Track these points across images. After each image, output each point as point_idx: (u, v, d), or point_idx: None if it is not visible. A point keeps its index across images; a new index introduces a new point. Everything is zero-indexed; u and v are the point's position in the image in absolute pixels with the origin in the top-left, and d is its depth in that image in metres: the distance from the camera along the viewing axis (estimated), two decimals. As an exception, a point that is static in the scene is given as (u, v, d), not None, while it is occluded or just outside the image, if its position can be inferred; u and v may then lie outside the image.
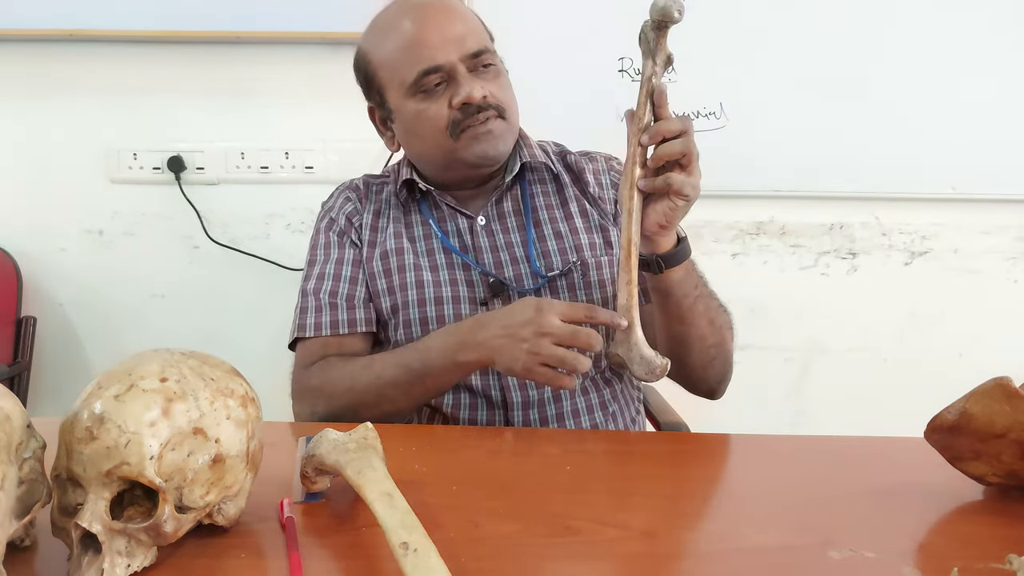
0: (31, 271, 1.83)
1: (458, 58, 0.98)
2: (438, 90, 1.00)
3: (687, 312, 0.93)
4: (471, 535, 0.61)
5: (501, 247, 1.06)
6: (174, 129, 1.80)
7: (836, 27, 1.74)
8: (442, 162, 1.04)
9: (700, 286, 0.95)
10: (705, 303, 0.95)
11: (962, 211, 1.84)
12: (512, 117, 1.04)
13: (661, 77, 0.83)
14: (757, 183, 1.81)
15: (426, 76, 0.99)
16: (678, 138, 0.82)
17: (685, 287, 0.92)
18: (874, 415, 1.87)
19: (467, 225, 1.07)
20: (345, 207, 1.12)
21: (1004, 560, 0.53)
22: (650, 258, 0.89)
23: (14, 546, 0.56)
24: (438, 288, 1.04)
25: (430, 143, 1.02)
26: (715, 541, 0.62)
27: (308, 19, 1.68)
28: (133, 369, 0.55)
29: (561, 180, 1.11)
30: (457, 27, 1.00)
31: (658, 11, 0.78)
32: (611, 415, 1.07)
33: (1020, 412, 0.64)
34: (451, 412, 1.03)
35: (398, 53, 1.01)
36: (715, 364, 1.00)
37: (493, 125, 1.00)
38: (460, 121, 0.99)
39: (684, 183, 0.82)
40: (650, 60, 0.82)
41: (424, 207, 1.09)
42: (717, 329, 0.97)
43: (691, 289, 0.93)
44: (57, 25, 1.68)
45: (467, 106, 0.98)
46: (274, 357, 1.82)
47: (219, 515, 0.59)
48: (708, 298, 0.97)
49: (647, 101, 0.82)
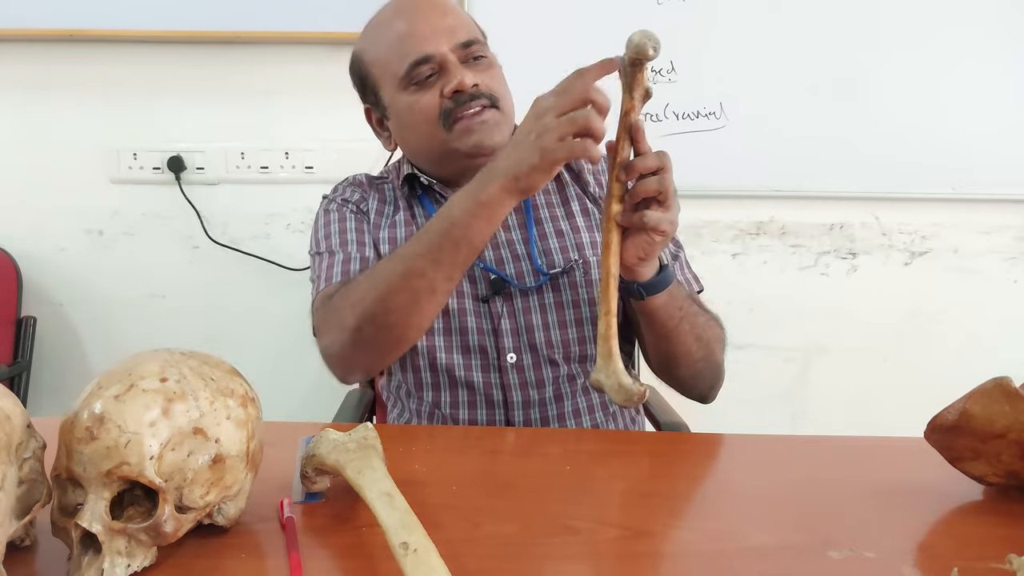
0: (31, 271, 1.83)
1: (448, 48, 0.99)
2: (430, 81, 1.00)
3: (672, 333, 0.94)
4: (471, 535, 0.61)
5: (502, 244, 1.06)
6: (174, 129, 1.80)
7: (836, 27, 1.74)
8: (437, 154, 1.04)
9: (685, 307, 0.94)
10: (691, 322, 0.95)
11: (962, 211, 1.85)
12: (506, 108, 1.03)
13: (639, 113, 0.81)
14: (757, 183, 1.81)
15: (417, 67, 0.99)
16: (655, 174, 0.81)
17: (669, 310, 0.92)
18: (874, 415, 1.88)
19: None
20: (352, 195, 1.12)
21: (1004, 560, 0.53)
22: (631, 287, 0.89)
23: (14, 546, 0.56)
24: None
25: (424, 135, 1.02)
26: (715, 541, 0.62)
27: (308, 19, 1.68)
28: (133, 369, 0.55)
29: (562, 179, 1.11)
30: (447, 19, 1.01)
31: (633, 48, 0.76)
32: (611, 415, 1.07)
33: (1020, 412, 0.64)
34: (451, 412, 1.03)
35: (390, 48, 1.01)
36: (703, 375, 1.00)
37: (487, 115, 1.00)
38: (452, 110, 0.99)
39: (660, 220, 0.81)
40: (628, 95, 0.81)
41: (426, 202, 1.09)
42: (704, 344, 0.97)
43: (675, 311, 0.93)
44: (57, 25, 1.68)
45: (458, 94, 0.98)
46: (274, 357, 1.83)
47: (219, 515, 0.59)
48: (694, 316, 0.96)
49: (626, 136, 0.81)
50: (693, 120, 1.77)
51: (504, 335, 1.02)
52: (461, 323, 1.02)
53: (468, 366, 1.02)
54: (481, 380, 1.02)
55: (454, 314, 1.02)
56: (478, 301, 1.03)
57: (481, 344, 1.02)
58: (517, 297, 1.03)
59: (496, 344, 1.02)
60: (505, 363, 1.02)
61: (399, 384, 1.10)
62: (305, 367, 1.77)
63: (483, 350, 1.02)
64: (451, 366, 1.02)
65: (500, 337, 1.02)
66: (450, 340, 1.03)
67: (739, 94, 1.76)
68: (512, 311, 1.03)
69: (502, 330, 1.02)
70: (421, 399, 1.06)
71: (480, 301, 1.03)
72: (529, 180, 0.81)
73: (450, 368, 1.02)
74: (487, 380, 1.02)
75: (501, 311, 1.02)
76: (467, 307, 1.02)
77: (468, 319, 1.02)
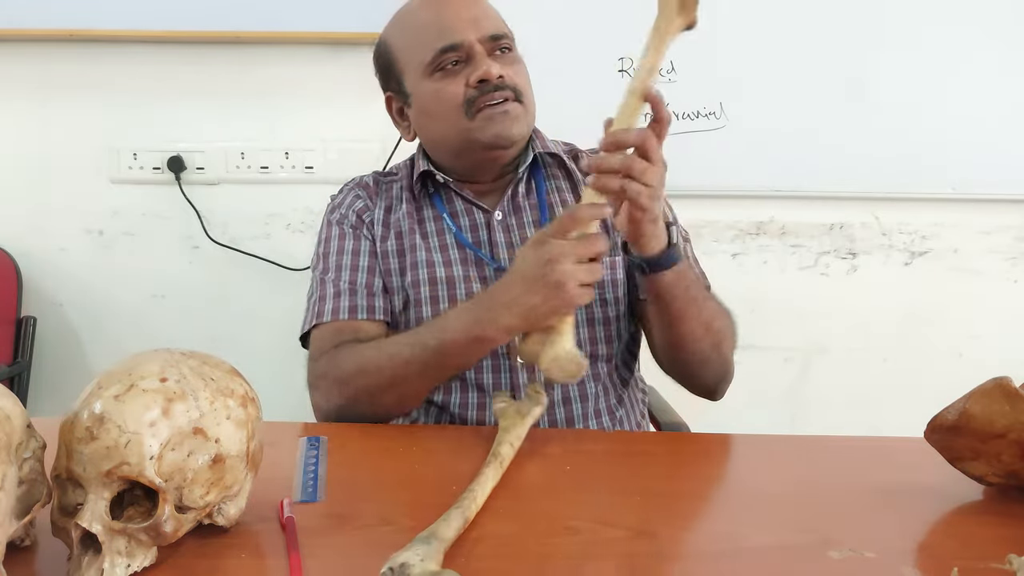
0: (31, 271, 1.83)
1: (476, 38, 0.99)
2: (456, 69, 1.00)
3: (678, 315, 0.93)
4: (471, 535, 0.61)
5: (517, 243, 1.05)
6: (174, 129, 1.79)
7: (836, 27, 1.74)
8: (457, 144, 1.03)
9: (693, 291, 0.94)
10: (699, 307, 0.94)
11: (962, 211, 1.84)
12: (528, 103, 1.03)
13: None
14: (757, 183, 1.81)
15: (444, 54, 0.99)
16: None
17: (675, 291, 0.92)
18: (874, 415, 1.88)
19: (484, 220, 1.07)
20: (355, 204, 1.11)
21: (1004, 560, 0.53)
22: (639, 260, 0.89)
23: (14, 546, 0.56)
24: (452, 286, 1.03)
25: (446, 123, 1.02)
26: (715, 541, 0.62)
27: (308, 19, 1.68)
28: (133, 369, 0.55)
29: (574, 177, 1.11)
30: (476, 10, 1.02)
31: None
32: (618, 420, 1.07)
33: (1020, 412, 0.64)
34: (459, 412, 1.02)
35: (418, 35, 1.02)
36: (710, 365, 0.99)
37: (509, 107, 1.00)
38: (476, 99, 0.99)
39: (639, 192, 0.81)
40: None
41: (438, 201, 1.09)
42: (713, 332, 0.97)
43: (681, 292, 0.92)
44: (57, 25, 1.67)
45: (483, 83, 0.98)
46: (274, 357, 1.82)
47: (219, 515, 0.59)
48: (704, 302, 0.96)
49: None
50: (693, 120, 1.77)
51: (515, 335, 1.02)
52: None
53: (478, 367, 1.02)
54: (491, 381, 1.02)
55: None
56: None
57: None
58: None
59: (507, 344, 1.02)
60: (516, 363, 1.02)
61: None
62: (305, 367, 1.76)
63: (494, 350, 1.02)
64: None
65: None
66: None
67: (739, 94, 1.76)
68: None
69: None
70: (430, 401, 1.04)
71: None
72: (542, 323, 0.83)
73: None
74: (497, 381, 1.02)
75: None
76: None
77: None
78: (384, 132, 1.77)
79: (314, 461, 0.76)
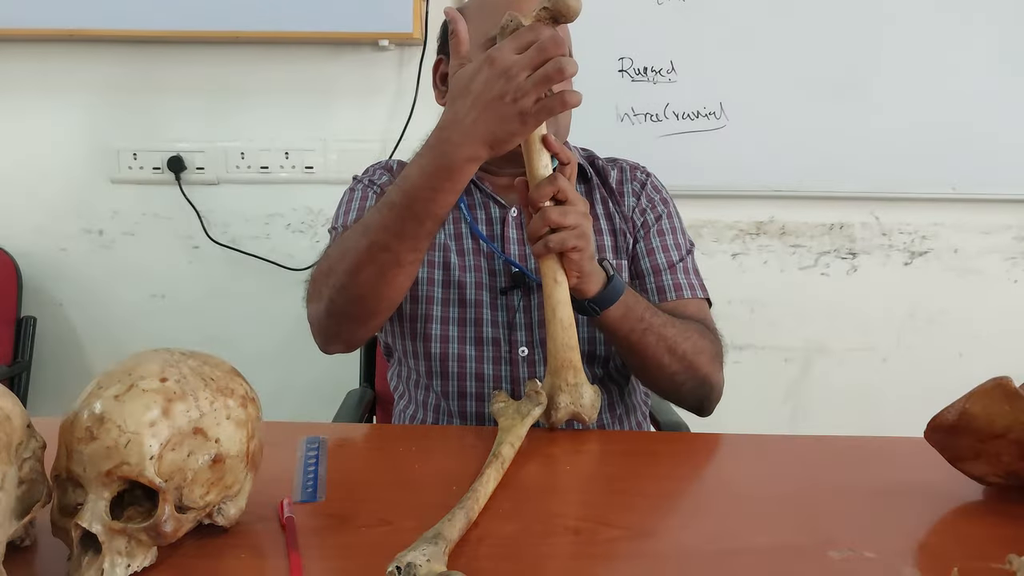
0: (31, 271, 1.83)
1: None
2: None
3: (636, 346, 0.92)
4: (471, 535, 0.61)
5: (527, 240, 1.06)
6: (174, 129, 1.80)
7: (836, 27, 1.74)
8: None
9: (648, 319, 0.92)
10: (658, 334, 0.93)
11: (962, 211, 1.85)
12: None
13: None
14: (757, 183, 1.81)
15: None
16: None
17: (629, 323, 0.91)
18: (874, 415, 1.88)
19: (500, 215, 1.08)
20: (381, 178, 1.13)
21: (1004, 560, 0.53)
22: (582, 304, 0.89)
23: (14, 546, 0.56)
24: (463, 272, 1.04)
25: None
26: (715, 541, 0.62)
27: (308, 19, 1.68)
28: (133, 369, 0.55)
29: (592, 181, 1.12)
30: None
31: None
32: (618, 417, 1.07)
33: (1020, 412, 0.64)
34: (458, 404, 1.03)
35: (491, 9, 1.00)
36: (685, 389, 0.98)
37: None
38: None
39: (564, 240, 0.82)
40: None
41: None
42: (680, 357, 0.94)
43: (636, 323, 0.91)
44: (57, 25, 1.68)
45: None
46: (274, 357, 1.83)
47: (219, 515, 0.59)
48: (662, 328, 0.93)
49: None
50: (693, 120, 1.77)
51: (518, 328, 1.03)
52: (477, 314, 1.03)
53: (480, 357, 1.03)
54: (491, 372, 1.03)
55: (471, 304, 1.03)
56: (496, 293, 1.04)
57: (495, 336, 1.03)
58: (535, 292, 1.03)
59: (509, 337, 1.03)
60: (517, 356, 1.03)
61: (409, 372, 1.10)
62: (305, 367, 1.77)
63: (496, 342, 1.03)
64: (463, 356, 1.03)
65: (514, 330, 1.03)
66: (464, 330, 1.03)
67: (739, 94, 1.76)
68: (528, 306, 1.03)
69: (517, 323, 1.03)
70: (429, 388, 1.06)
71: (500, 293, 1.04)
72: (506, 146, 0.77)
73: (462, 357, 1.03)
74: (497, 372, 1.03)
75: (517, 305, 1.03)
76: (484, 299, 1.03)
77: (484, 311, 1.03)
78: (384, 132, 1.78)
79: (314, 461, 0.76)
